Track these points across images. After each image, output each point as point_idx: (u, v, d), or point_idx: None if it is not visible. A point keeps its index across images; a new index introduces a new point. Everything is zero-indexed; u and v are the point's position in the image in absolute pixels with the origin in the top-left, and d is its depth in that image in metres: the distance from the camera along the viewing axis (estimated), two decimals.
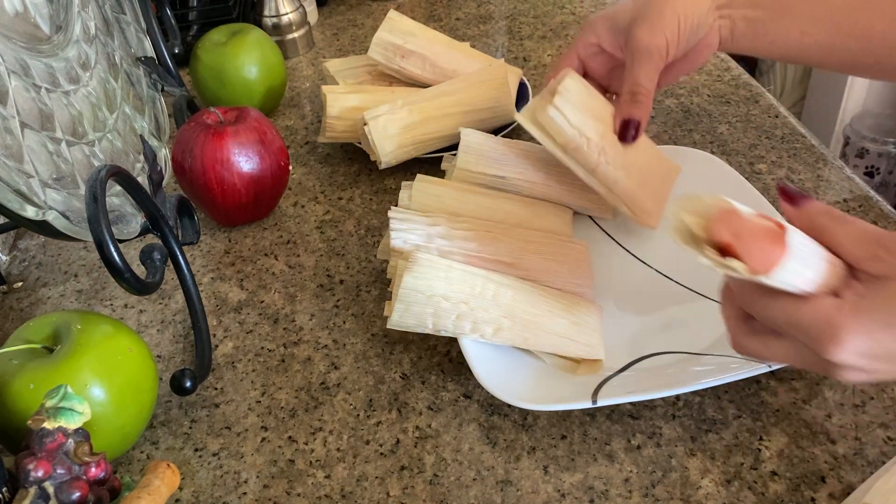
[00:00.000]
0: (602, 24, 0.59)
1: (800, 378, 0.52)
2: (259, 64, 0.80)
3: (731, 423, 0.50)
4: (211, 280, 0.65)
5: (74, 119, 0.54)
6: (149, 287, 0.49)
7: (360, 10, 1.07)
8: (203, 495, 0.49)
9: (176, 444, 0.52)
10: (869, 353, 0.36)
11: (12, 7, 0.52)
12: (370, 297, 0.62)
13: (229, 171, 0.64)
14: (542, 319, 0.52)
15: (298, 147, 0.81)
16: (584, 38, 0.60)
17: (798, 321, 0.37)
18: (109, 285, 0.66)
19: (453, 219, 0.56)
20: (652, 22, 0.55)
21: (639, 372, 0.52)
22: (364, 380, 0.55)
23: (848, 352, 0.36)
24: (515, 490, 0.47)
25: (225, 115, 0.67)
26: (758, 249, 0.35)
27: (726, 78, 0.84)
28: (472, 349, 0.51)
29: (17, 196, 0.43)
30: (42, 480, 0.40)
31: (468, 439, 0.50)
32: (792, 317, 0.37)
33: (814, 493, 0.45)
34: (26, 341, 0.48)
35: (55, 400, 0.42)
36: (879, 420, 0.49)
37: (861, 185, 0.67)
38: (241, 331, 0.60)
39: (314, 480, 0.49)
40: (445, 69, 0.79)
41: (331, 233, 0.69)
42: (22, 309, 0.65)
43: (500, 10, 1.04)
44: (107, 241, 0.44)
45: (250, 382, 0.56)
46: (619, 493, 0.46)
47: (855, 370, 0.37)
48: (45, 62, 0.53)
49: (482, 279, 0.51)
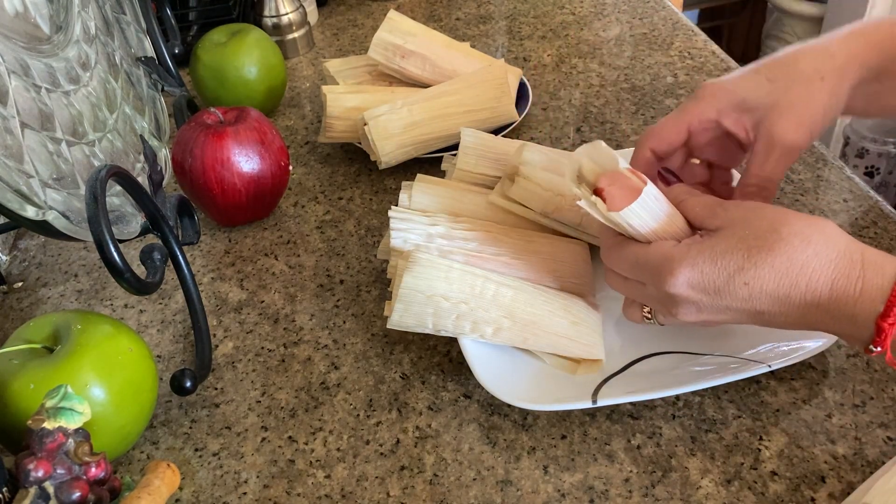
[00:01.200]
0: (726, 100, 0.51)
1: (800, 378, 0.52)
2: (259, 64, 0.80)
3: (731, 423, 0.50)
4: (211, 280, 0.65)
5: (74, 119, 0.54)
6: (149, 287, 0.49)
7: (360, 10, 1.07)
8: (203, 495, 0.49)
9: (176, 444, 0.52)
10: (697, 284, 0.43)
11: (12, 7, 0.52)
12: (370, 297, 0.62)
13: (229, 171, 0.64)
14: (542, 319, 0.52)
15: (298, 147, 0.81)
16: (702, 113, 0.51)
17: (644, 259, 0.45)
18: (109, 285, 0.66)
19: (453, 219, 0.56)
20: (800, 116, 0.49)
21: (639, 372, 0.52)
22: (364, 380, 0.55)
23: (680, 281, 0.43)
24: (515, 490, 0.47)
25: (225, 115, 0.67)
26: (618, 194, 0.45)
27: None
28: (472, 349, 0.51)
29: (17, 196, 0.43)
30: (42, 480, 0.40)
31: (468, 439, 0.50)
32: (640, 257, 0.46)
33: (814, 493, 0.45)
34: (26, 341, 0.48)
35: (55, 400, 0.42)
36: (879, 420, 0.49)
37: (861, 185, 0.67)
38: (241, 331, 0.60)
39: (314, 480, 0.49)
40: (445, 69, 0.79)
41: (331, 233, 0.69)
42: (22, 309, 0.65)
43: (500, 10, 1.04)
44: (107, 241, 0.44)
45: (250, 382, 0.56)
46: (619, 493, 0.46)
47: (687, 304, 0.44)
48: (45, 62, 0.53)
49: (482, 279, 0.51)
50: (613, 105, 0.81)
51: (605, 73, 0.87)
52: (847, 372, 0.52)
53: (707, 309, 0.44)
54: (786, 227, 0.42)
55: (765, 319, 0.44)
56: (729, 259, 0.43)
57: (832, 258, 0.41)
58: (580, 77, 0.87)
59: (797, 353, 0.50)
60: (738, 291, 0.43)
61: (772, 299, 0.42)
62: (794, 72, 0.50)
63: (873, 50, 0.50)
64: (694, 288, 0.43)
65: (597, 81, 0.86)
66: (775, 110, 0.49)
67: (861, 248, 0.42)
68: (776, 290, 0.42)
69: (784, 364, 0.50)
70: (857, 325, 0.41)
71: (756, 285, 0.42)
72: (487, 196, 0.60)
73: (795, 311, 0.42)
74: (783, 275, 0.42)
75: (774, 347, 0.51)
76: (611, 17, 0.99)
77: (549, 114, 0.81)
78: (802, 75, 0.50)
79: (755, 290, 0.42)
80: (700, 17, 2.35)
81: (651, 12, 0.98)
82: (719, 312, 0.44)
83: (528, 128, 0.79)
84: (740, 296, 0.43)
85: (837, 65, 0.50)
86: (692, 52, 0.89)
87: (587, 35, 0.95)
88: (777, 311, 0.43)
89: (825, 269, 0.41)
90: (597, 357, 0.52)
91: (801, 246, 0.42)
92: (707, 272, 0.43)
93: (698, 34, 0.93)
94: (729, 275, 0.43)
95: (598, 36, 0.95)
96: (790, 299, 0.42)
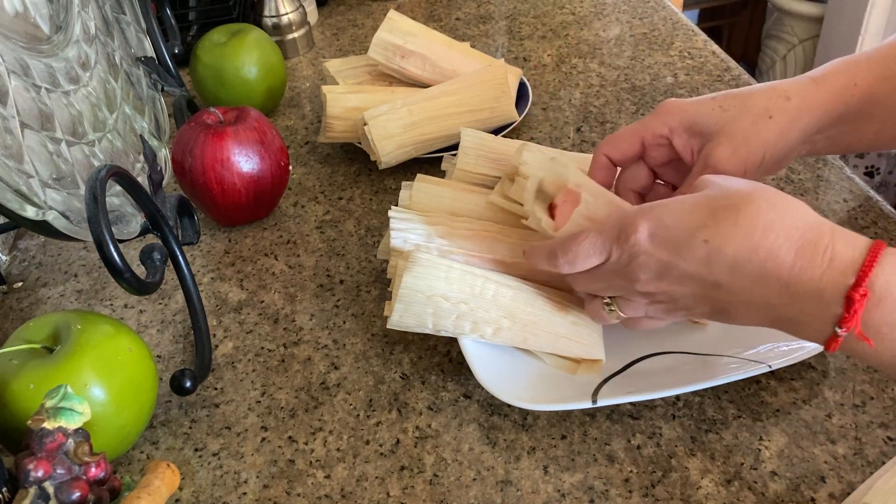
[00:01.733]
0: (679, 119, 0.52)
1: (800, 378, 0.52)
2: (259, 64, 0.80)
3: (731, 423, 0.50)
4: (211, 280, 0.65)
5: (74, 119, 0.54)
6: (149, 287, 0.49)
7: (360, 10, 1.07)
8: (203, 495, 0.49)
9: (176, 444, 0.52)
10: (658, 236, 0.42)
11: (12, 7, 0.52)
12: (370, 297, 0.62)
13: (229, 171, 0.64)
14: (542, 319, 0.52)
15: (298, 147, 0.81)
16: (655, 128, 0.53)
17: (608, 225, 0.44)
18: (109, 285, 0.66)
19: (453, 219, 0.56)
20: (736, 147, 0.50)
21: (639, 372, 0.52)
22: (364, 380, 0.55)
23: (642, 233, 0.42)
24: (515, 490, 0.47)
25: (225, 115, 0.67)
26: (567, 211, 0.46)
27: (726, 78, 0.84)
28: (472, 349, 0.51)
29: (17, 196, 0.43)
30: (42, 480, 0.40)
31: (468, 439, 0.50)
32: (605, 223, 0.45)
33: (814, 493, 0.45)
34: (26, 341, 0.48)
35: (55, 400, 0.42)
36: (879, 420, 0.49)
37: (861, 185, 0.67)
38: (241, 331, 0.60)
39: (314, 480, 0.49)
40: (445, 69, 0.79)
41: (331, 233, 0.69)
42: (22, 309, 0.65)
43: (500, 10, 1.04)
44: (107, 241, 0.44)
45: (250, 382, 0.56)
46: (619, 493, 0.46)
47: (647, 266, 0.43)
48: (45, 62, 0.53)
49: (482, 279, 0.51)
50: (613, 105, 0.81)
51: (605, 73, 0.87)
52: (847, 372, 0.52)
53: (666, 275, 0.43)
54: (757, 192, 0.41)
55: (721, 300, 0.42)
56: (693, 215, 0.42)
57: (798, 225, 0.40)
58: (580, 77, 0.87)
59: (797, 353, 0.50)
60: (698, 250, 0.41)
61: (730, 266, 0.40)
62: (745, 105, 0.50)
63: (832, 97, 0.51)
64: (655, 241, 0.42)
65: (597, 81, 0.86)
66: (717, 137, 0.50)
67: (831, 224, 0.40)
68: (735, 252, 0.40)
69: (784, 364, 0.50)
70: (821, 303, 0.38)
71: (715, 244, 0.40)
72: (487, 196, 0.60)
73: (754, 287, 0.40)
74: (745, 236, 0.40)
75: (774, 347, 0.51)
76: (611, 17, 0.99)
77: (549, 114, 0.81)
78: (752, 110, 0.50)
79: (714, 249, 0.40)
80: (700, 17, 2.35)
81: (651, 12, 0.98)
82: (677, 282, 0.43)
83: (528, 128, 0.79)
84: (698, 256, 0.41)
85: (790, 107, 0.50)
86: (692, 52, 0.89)
87: (587, 35, 0.95)
88: (735, 285, 0.41)
89: (790, 234, 0.39)
90: (597, 357, 0.52)
91: (766, 208, 0.40)
92: (670, 225, 0.42)
93: (698, 34, 0.93)
94: (690, 230, 0.41)
95: (598, 36, 0.95)
96: (750, 266, 0.40)
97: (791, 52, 2.04)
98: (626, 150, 0.54)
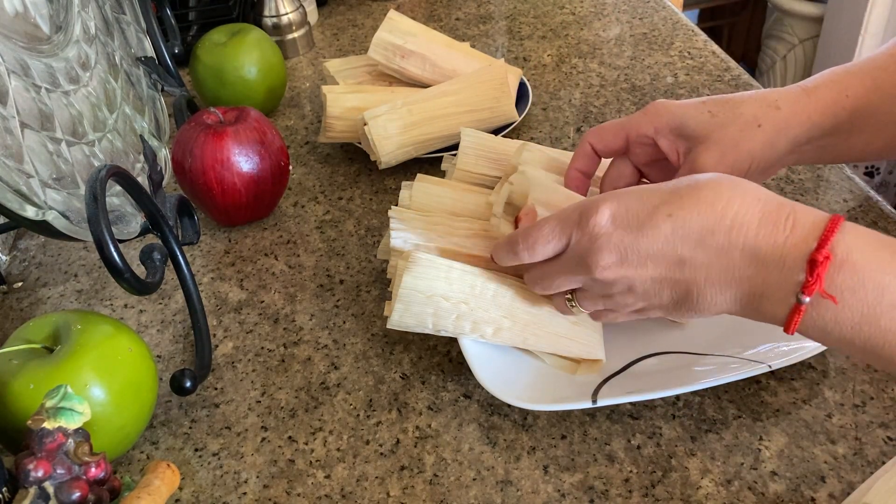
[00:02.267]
0: (665, 121, 0.52)
1: (800, 378, 0.52)
2: (259, 64, 0.80)
3: (731, 423, 0.50)
4: (211, 280, 0.65)
5: (74, 119, 0.54)
6: (149, 287, 0.49)
7: (360, 10, 1.07)
8: (203, 495, 0.49)
9: (176, 444, 0.52)
10: (620, 217, 0.42)
11: (12, 7, 0.52)
12: (370, 297, 0.62)
13: (229, 171, 0.64)
14: (542, 319, 0.52)
15: (298, 147, 0.81)
16: (640, 126, 0.52)
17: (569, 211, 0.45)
18: (109, 285, 0.66)
19: (453, 219, 0.56)
20: (723, 153, 0.49)
21: (639, 372, 0.52)
22: (364, 380, 0.55)
23: (603, 214, 0.42)
24: (515, 490, 0.47)
25: (225, 115, 0.67)
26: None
27: (726, 78, 0.84)
28: (472, 349, 0.51)
29: (17, 196, 0.43)
30: (42, 480, 0.40)
31: (468, 439, 0.50)
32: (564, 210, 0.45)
33: (814, 493, 0.45)
34: (26, 341, 0.48)
35: (55, 400, 0.42)
36: (879, 420, 0.49)
37: (861, 185, 0.67)
38: (241, 331, 0.60)
39: (314, 480, 0.49)
40: (445, 69, 0.79)
41: (331, 233, 0.69)
42: (22, 309, 0.65)
43: (500, 10, 1.04)
44: (107, 241, 0.44)
45: (250, 382, 0.56)
46: (619, 493, 0.46)
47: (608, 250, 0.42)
48: (45, 62, 0.53)
49: (482, 279, 0.51)
50: (613, 105, 0.81)
51: (605, 73, 0.87)
52: (847, 372, 0.52)
53: (627, 259, 0.42)
54: (717, 175, 0.42)
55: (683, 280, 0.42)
56: (655, 194, 0.42)
57: (760, 196, 0.40)
58: (580, 77, 0.87)
59: (797, 353, 0.50)
60: (662, 225, 0.41)
61: (695, 239, 0.40)
62: (735, 113, 0.50)
63: (823, 108, 0.50)
64: (617, 222, 0.42)
65: (597, 81, 0.86)
66: (704, 143, 0.50)
67: (791, 200, 0.41)
68: (701, 224, 0.40)
69: (784, 364, 0.50)
70: (784, 269, 0.39)
71: (679, 217, 0.40)
72: (487, 196, 0.60)
73: (718, 259, 0.40)
74: (709, 205, 0.40)
75: (774, 347, 0.51)
76: (611, 17, 0.99)
77: (549, 114, 0.81)
78: (741, 118, 0.50)
79: (678, 223, 0.40)
80: (700, 17, 2.35)
81: (651, 12, 0.98)
82: (639, 264, 0.42)
83: (528, 128, 0.79)
84: (663, 233, 0.41)
85: (779, 116, 0.50)
86: (692, 52, 0.89)
87: (587, 35, 0.95)
88: (698, 259, 0.41)
89: (752, 204, 0.40)
90: (597, 357, 0.52)
91: (728, 184, 0.41)
92: (631, 206, 0.42)
93: (698, 34, 0.93)
94: (653, 206, 0.41)
95: (598, 36, 0.95)
96: (714, 238, 0.40)
97: (791, 52, 2.04)
98: (609, 142, 0.54)
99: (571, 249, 0.45)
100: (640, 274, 0.43)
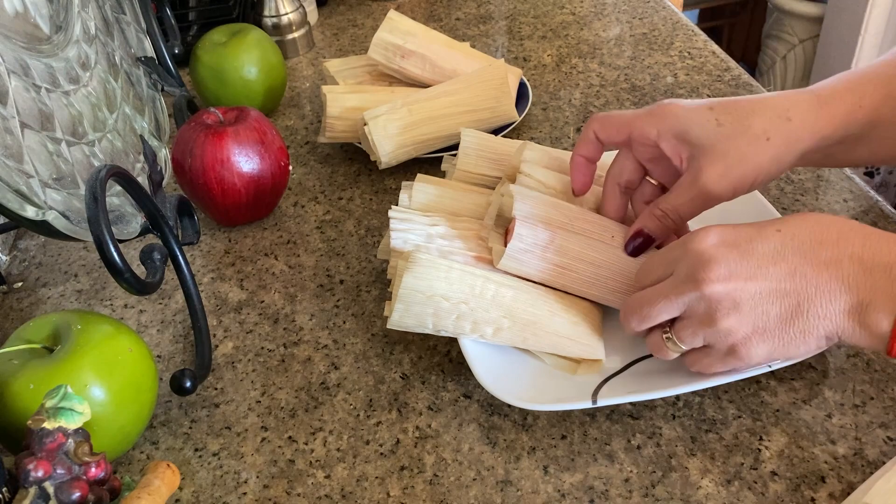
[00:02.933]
0: (670, 125, 0.50)
1: (800, 378, 0.52)
2: (259, 64, 0.80)
3: (731, 423, 0.50)
4: (211, 280, 0.65)
5: (74, 119, 0.54)
6: (149, 287, 0.49)
7: (360, 10, 1.07)
8: (203, 495, 0.49)
9: (176, 444, 0.52)
10: (728, 238, 0.44)
11: (12, 7, 0.52)
12: (370, 297, 0.62)
13: (229, 171, 0.64)
14: (542, 319, 0.52)
15: (298, 147, 0.81)
16: (643, 128, 0.51)
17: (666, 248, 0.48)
18: (109, 285, 0.66)
19: (453, 219, 0.56)
20: (728, 167, 0.48)
21: (639, 372, 0.52)
22: (364, 380, 0.55)
23: (712, 237, 0.44)
24: (515, 490, 0.47)
25: (225, 115, 0.67)
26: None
27: (726, 78, 0.84)
28: (472, 349, 0.51)
29: (17, 196, 0.43)
30: (42, 480, 0.40)
31: (468, 439, 0.50)
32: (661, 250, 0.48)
33: (814, 493, 0.45)
34: (26, 341, 0.48)
35: (55, 400, 0.42)
36: (879, 420, 0.49)
37: (861, 185, 0.67)
38: (241, 331, 0.60)
39: (314, 480, 0.49)
40: (445, 69, 0.79)
41: (331, 233, 0.69)
42: (22, 309, 0.65)
43: (500, 10, 1.04)
44: (107, 241, 0.44)
45: (250, 382, 0.56)
46: (619, 493, 0.46)
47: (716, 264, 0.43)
48: (45, 62, 0.53)
49: (482, 279, 0.51)
50: (613, 105, 0.81)
51: (605, 73, 0.87)
52: (847, 372, 0.52)
53: (738, 272, 0.43)
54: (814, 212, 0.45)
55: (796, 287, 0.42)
56: (758, 222, 0.45)
57: (859, 222, 0.43)
58: (580, 77, 0.87)
59: None
60: (772, 238, 0.43)
61: (805, 251, 0.43)
62: (743, 125, 0.48)
63: (837, 121, 0.50)
64: (725, 243, 0.44)
65: (597, 81, 0.86)
66: (710, 154, 0.49)
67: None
68: (810, 236, 0.43)
69: (784, 364, 0.50)
70: (891, 278, 0.40)
71: (789, 232, 0.43)
72: (487, 196, 0.60)
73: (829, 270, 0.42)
74: (815, 223, 0.43)
75: None
76: (611, 17, 0.99)
77: (549, 114, 0.81)
78: (750, 131, 0.48)
79: (787, 236, 0.43)
80: (700, 17, 2.35)
81: (651, 12, 0.98)
82: (749, 277, 0.43)
83: (528, 128, 0.79)
84: (773, 244, 0.43)
85: (790, 129, 0.49)
86: (692, 52, 0.89)
87: (587, 35, 0.95)
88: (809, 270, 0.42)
89: (855, 226, 0.43)
90: (597, 357, 0.52)
91: (829, 214, 0.45)
92: (736, 228, 0.45)
93: (698, 34, 0.93)
94: (760, 226, 0.44)
95: (598, 36, 0.95)
96: (823, 249, 0.42)
97: (791, 52, 2.04)
98: (612, 135, 0.54)
99: (678, 269, 0.45)
100: (748, 287, 0.43)
